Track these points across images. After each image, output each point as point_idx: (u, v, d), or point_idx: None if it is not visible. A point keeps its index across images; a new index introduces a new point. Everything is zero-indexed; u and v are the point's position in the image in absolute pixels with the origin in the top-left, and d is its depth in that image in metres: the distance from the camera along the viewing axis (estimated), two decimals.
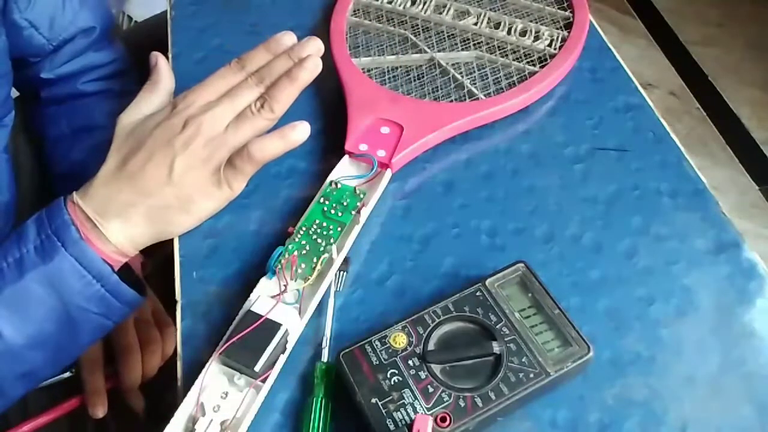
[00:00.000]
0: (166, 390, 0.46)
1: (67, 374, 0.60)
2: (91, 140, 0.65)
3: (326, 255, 0.44)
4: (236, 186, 0.45)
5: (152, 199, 0.44)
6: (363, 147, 0.50)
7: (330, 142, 0.54)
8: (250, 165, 0.44)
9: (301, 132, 0.45)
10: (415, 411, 0.37)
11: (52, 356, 0.46)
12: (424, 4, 0.62)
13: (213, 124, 0.44)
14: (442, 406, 0.38)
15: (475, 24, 0.61)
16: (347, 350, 0.40)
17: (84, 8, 0.64)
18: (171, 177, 0.43)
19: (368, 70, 0.58)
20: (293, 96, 0.46)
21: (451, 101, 0.55)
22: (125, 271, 0.47)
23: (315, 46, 0.48)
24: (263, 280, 0.44)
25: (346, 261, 0.46)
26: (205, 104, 0.45)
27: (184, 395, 0.40)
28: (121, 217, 0.44)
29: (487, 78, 0.57)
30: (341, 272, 0.45)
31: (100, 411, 0.57)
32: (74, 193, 0.45)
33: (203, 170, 0.44)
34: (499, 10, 0.62)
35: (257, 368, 0.39)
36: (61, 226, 0.43)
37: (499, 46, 0.59)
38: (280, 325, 0.41)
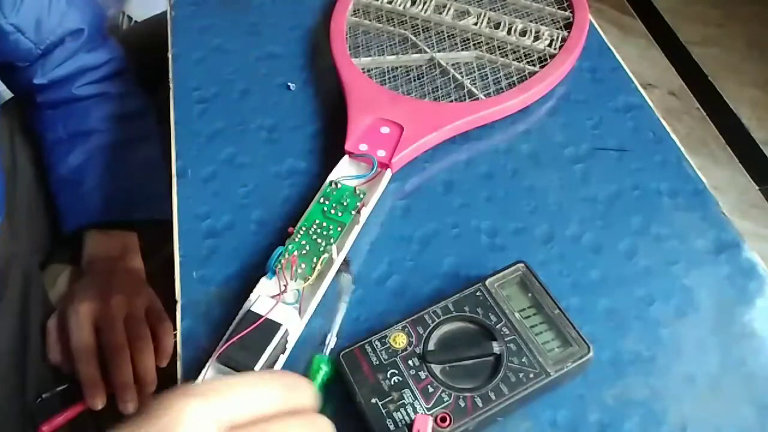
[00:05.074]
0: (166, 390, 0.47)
1: (63, 386, 0.60)
2: (88, 144, 0.65)
3: (326, 255, 0.44)
4: None
5: None
6: (363, 147, 0.50)
7: (330, 142, 0.54)
8: None
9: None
10: (415, 411, 0.37)
11: None
12: (424, 4, 0.62)
13: None
14: (442, 406, 0.38)
15: (475, 24, 0.61)
16: (347, 350, 0.40)
17: (71, 9, 0.63)
18: None
19: (368, 70, 0.58)
20: None
21: (451, 101, 0.55)
22: None
23: None
24: (263, 280, 0.44)
25: (346, 262, 0.46)
26: None
27: None
28: None
29: (487, 78, 0.57)
30: (347, 275, 0.45)
31: (98, 401, 0.57)
32: None
33: None
34: (499, 10, 0.62)
35: (257, 368, 0.39)
36: None
37: (499, 46, 0.59)
38: (280, 325, 0.41)
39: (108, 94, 0.68)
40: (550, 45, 0.58)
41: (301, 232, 0.46)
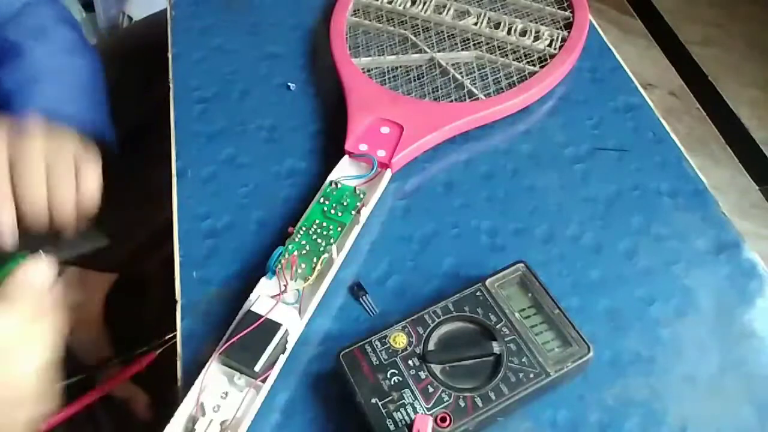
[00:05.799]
0: (166, 390, 0.46)
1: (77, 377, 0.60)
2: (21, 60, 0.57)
3: (326, 255, 0.44)
4: None
5: None
6: (363, 147, 0.50)
7: (330, 142, 0.54)
8: None
9: None
10: (415, 411, 0.37)
11: None
12: (424, 4, 0.62)
13: None
14: (442, 406, 0.38)
15: (475, 24, 0.61)
16: (347, 350, 0.40)
17: None
18: None
19: (368, 70, 0.58)
20: None
21: (451, 101, 0.55)
22: None
23: None
24: (263, 280, 0.44)
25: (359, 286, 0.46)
26: None
27: (184, 395, 0.40)
28: None
29: (487, 78, 0.57)
30: (363, 296, 0.45)
31: (4, 215, 0.48)
32: None
33: None
34: (499, 10, 0.62)
35: (257, 368, 0.39)
36: None
37: (499, 46, 0.59)
38: (280, 325, 0.41)
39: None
40: (550, 45, 0.58)
41: (301, 232, 0.46)
